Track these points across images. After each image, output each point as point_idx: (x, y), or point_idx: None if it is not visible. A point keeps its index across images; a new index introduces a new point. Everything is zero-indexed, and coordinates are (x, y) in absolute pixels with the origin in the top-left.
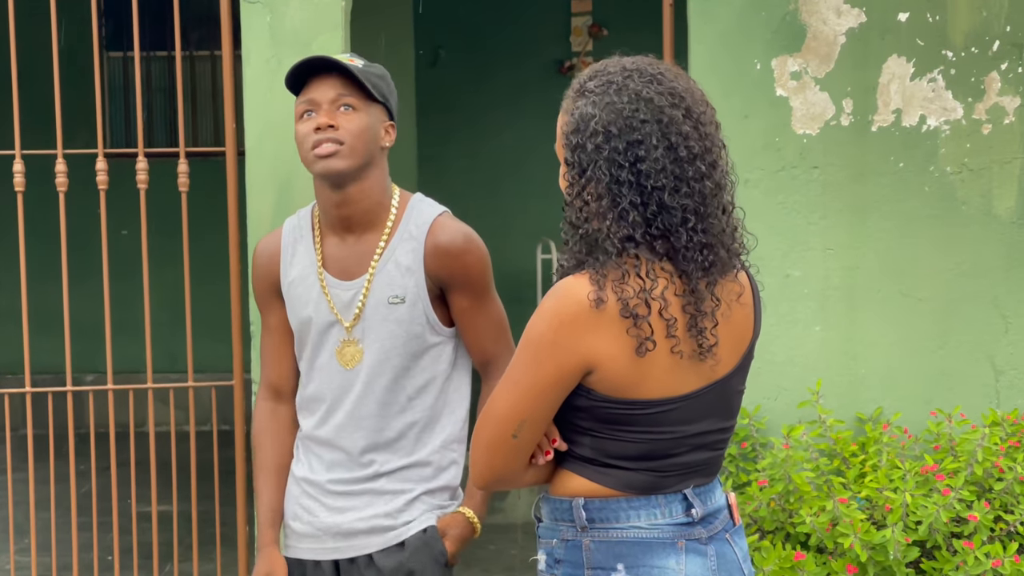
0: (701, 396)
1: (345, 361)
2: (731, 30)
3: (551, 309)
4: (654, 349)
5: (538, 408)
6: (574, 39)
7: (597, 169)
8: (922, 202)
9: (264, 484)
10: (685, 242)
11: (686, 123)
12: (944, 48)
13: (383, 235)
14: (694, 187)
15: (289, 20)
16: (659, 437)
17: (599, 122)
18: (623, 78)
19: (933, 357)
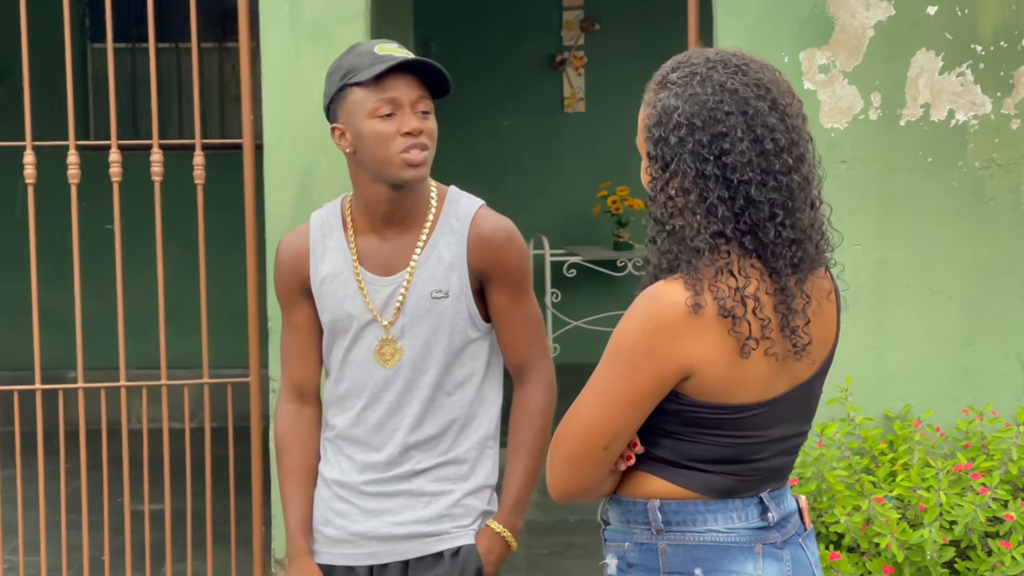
0: (787, 399)
1: (384, 360)
2: (758, 23)
3: (646, 314)
4: (757, 348)
5: (632, 418)
6: (565, 33)
7: (682, 163)
8: (950, 197)
9: (294, 490)
10: (773, 237)
11: (772, 115)
12: (973, 42)
13: (424, 229)
14: (781, 181)
15: (309, 9)
16: (744, 441)
17: (682, 114)
18: (707, 69)
19: (961, 354)
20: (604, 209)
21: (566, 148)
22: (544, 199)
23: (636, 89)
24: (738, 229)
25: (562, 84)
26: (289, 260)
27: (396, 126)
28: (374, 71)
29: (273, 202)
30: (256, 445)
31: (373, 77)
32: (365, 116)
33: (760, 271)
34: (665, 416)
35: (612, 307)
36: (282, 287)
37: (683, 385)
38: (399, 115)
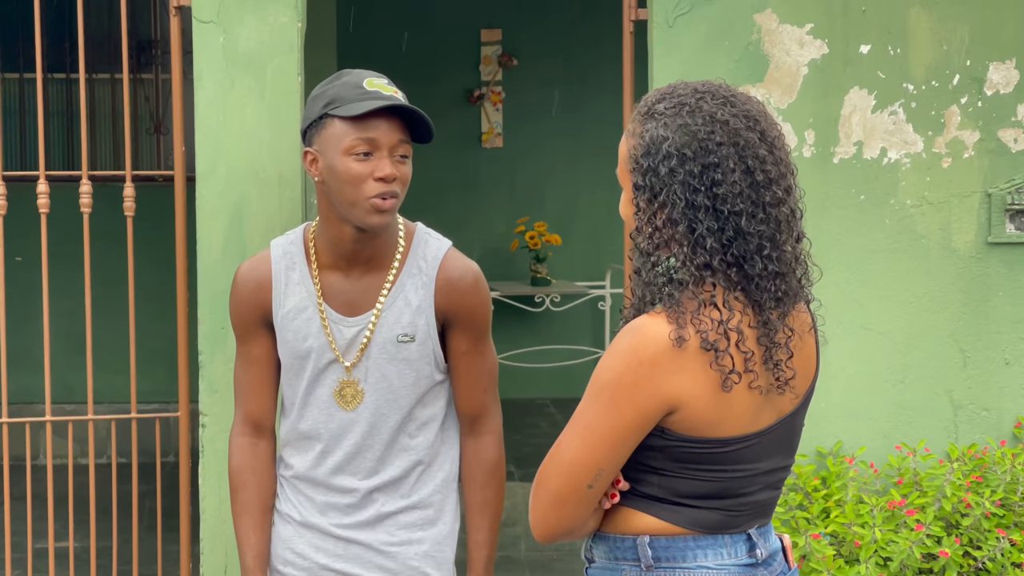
0: (772, 432)
1: (345, 402)
2: (694, 60)
3: (629, 349)
4: (740, 382)
5: (616, 455)
6: (484, 68)
7: (671, 193)
8: (883, 235)
9: (250, 527)
10: (759, 270)
11: (761, 146)
12: (905, 81)
13: (391, 269)
14: (770, 212)
15: (244, 41)
16: (732, 475)
17: (672, 144)
18: (696, 100)
19: (893, 391)
20: (522, 244)
21: (484, 183)
22: (461, 233)
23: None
24: (724, 261)
25: (480, 119)
26: (250, 290)
27: (371, 168)
28: (358, 109)
29: (205, 235)
30: (184, 481)
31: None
32: (341, 151)
33: (743, 304)
34: (651, 452)
35: (530, 343)
36: (240, 317)
37: (668, 420)
38: (376, 157)
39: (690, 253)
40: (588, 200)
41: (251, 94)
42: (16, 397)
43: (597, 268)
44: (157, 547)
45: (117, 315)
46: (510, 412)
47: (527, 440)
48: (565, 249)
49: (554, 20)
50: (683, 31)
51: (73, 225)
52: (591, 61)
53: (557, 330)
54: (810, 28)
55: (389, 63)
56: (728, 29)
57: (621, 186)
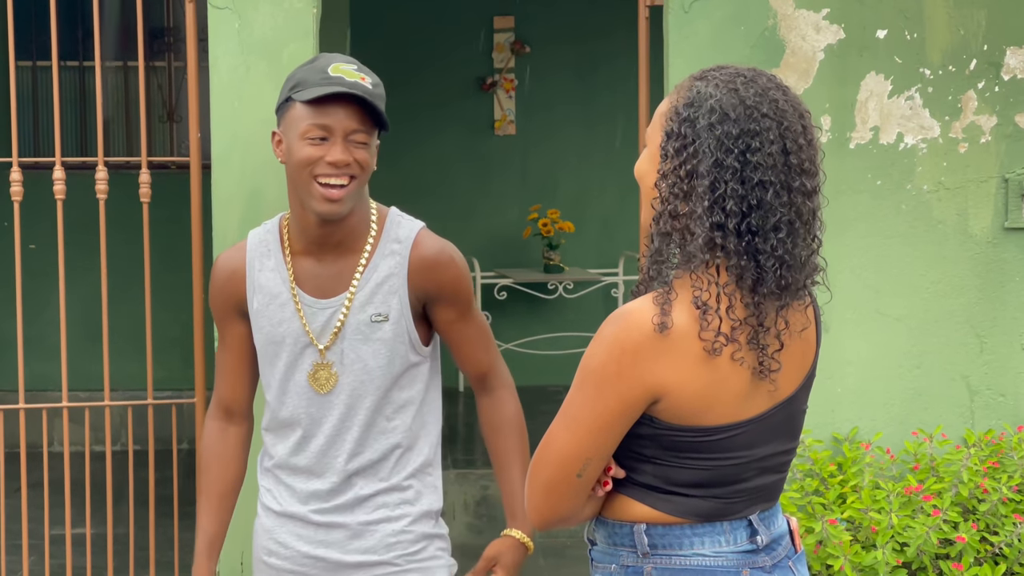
0: (767, 418)
1: (319, 385)
2: (709, 45)
3: (612, 337)
4: (726, 346)
5: (603, 444)
6: (496, 55)
7: (704, 146)
8: (899, 220)
9: (207, 511)
10: (770, 248)
11: (802, 136)
12: (921, 66)
13: (364, 252)
14: (795, 199)
15: (259, 27)
16: (726, 463)
17: (718, 102)
18: (752, 75)
19: (908, 377)
20: (535, 232)
21: (496, 170)
22: (474, 221)
23: (566, 111)
24: (739, 228)
25: (493, 106)
26: (224, 279)
27: (324, 152)
28: (314, 93)
29: (220, 222)
30: None
31: (313, 99)
32: (298, 135)
33: (740, 279)
34: (642, 441)
35: (542, 330)
36: (217, 306)
37: (655, 408)
38: (330, 142)
39: (707, 209)
40: (601, 187)
41: (267, 80)
42: (31, 384)
43: (610, 255)
44: (174, 534)
45: (131, 302)
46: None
47: (540, 427)
48: (578, 236)
49: (566, 7)
50: (699, 17)
51: (87, 212)
52: (603, 48)
53: (570, 317)
54: (826, 13)
55: (402, 50)
56: (744, 14)
57: (646, 143)
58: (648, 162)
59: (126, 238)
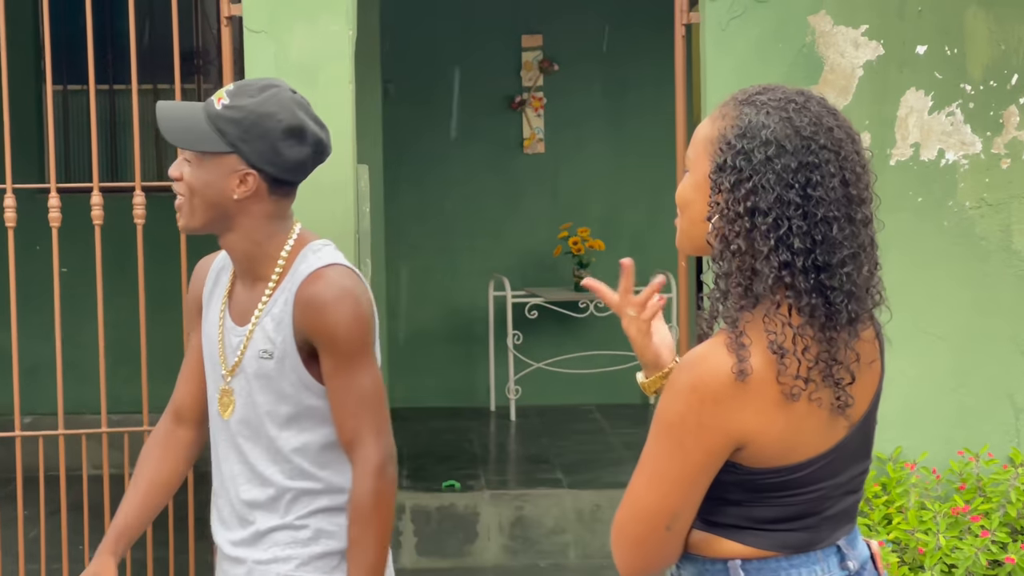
0: (845, 445)
1: (223, 409)
2: (747, 62)
3: (689, 387)
4: (805, 390)
5: (690, 496)
6: (524, 74)
7: (763, 180)
8: (941, 237)
9: (125, 500)
10: (837, 283)
11: (859, 164)
12: (962, 81)
13: (269, 285)
14: (858, 230)
15: (295, 50)
16: (812, 495)
17: (773, 132)
18: (802, 99)
19: (953, 396)
20: (565, 250)
21: (526, 189)
22: (504, 240)
23: (595, 128)
24: (806, 265)
25: (521, 125)
26: (196, 282)
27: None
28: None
29: None
30: None
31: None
32: None
33: (810, 316)
34: (727, 486)
35: (574, 348)
36: (187, 305)
37: (738, 455)
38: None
39: (773, 248)
40: (631, 204)
41: None
42: (65, 407)
43: (641, 273)
44: (212, 558)
45: (161, 325)
46: (555, 418)
47: (573, 447)
48: (609, 254)
49: (594, 25)
50: (736, 34)
51: (119, 236)
52: (632, 65)
53: (601, 336)
54: (865, 29)
55: (430, 69)
56: (782, 31)
57: (688, 168)
58: (693, 191)
59: (155, 260)
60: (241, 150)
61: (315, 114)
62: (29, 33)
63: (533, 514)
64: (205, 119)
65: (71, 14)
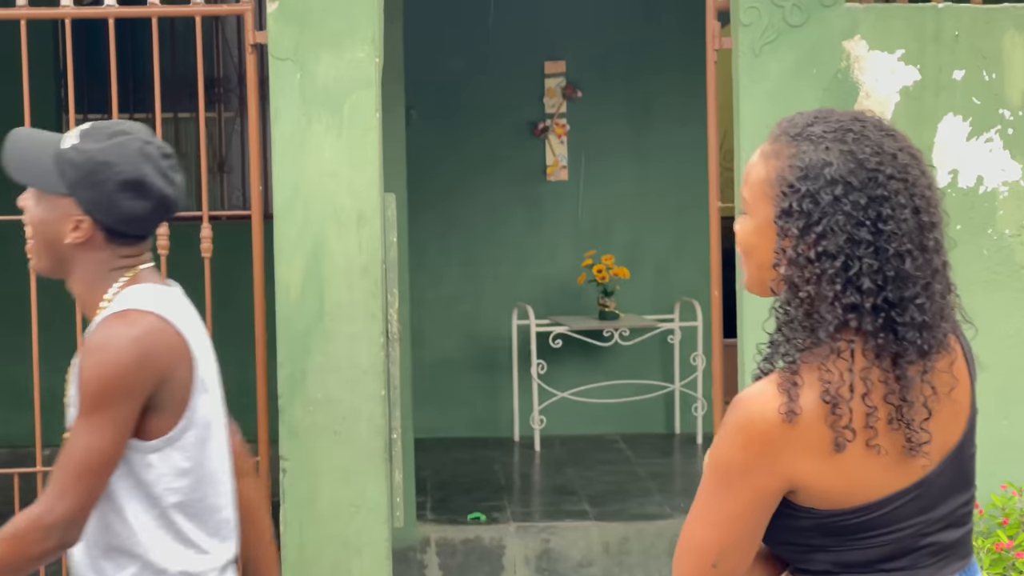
0: (934, 479)
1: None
2: (781, 88)
3: (736, 427)
4: (853, 440)
5: (737, 535)
6: (548, 100)
7: (833, 224)
8: (981, 265)
9: None
10: (908, 319)
11: (927, 187)
12: (1001, 107)
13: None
14: (930, 258)
15: (321, 78)
16: (902, 533)
17: (836, 170)
18: (860, 127)
19: (995, 428)
20: (589, 278)
21: (549, 216)
22: (528, 268)
23: (619, 155)
24: (876, 305)
25: (544, 152)
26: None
27: None
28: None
29: (283, 275)
30: None
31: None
32: None
33: (875, 355)
34: (806, 532)
35: (598, 378)
36: None
37: (799, 497)
38: None
39: (840, 292)
40: (655, 232)
41: (329, 132)
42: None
43: (666, 301)
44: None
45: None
46: (580, 448)
47: (599, 477)
48: (633, 282)
49: (618, 50)
50: (769, 60)
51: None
52: (656, 91)
53: (626, 365)
54: (901, 54)
55: (453, 96)
56: (816, 57)
57: (745, 211)
58: (757, 236)
59: None
60: (77, 195)
61: (168, 167)
62: (49, 62)
63: (560, 547)
64: (52, 156)
65: (91, 43)
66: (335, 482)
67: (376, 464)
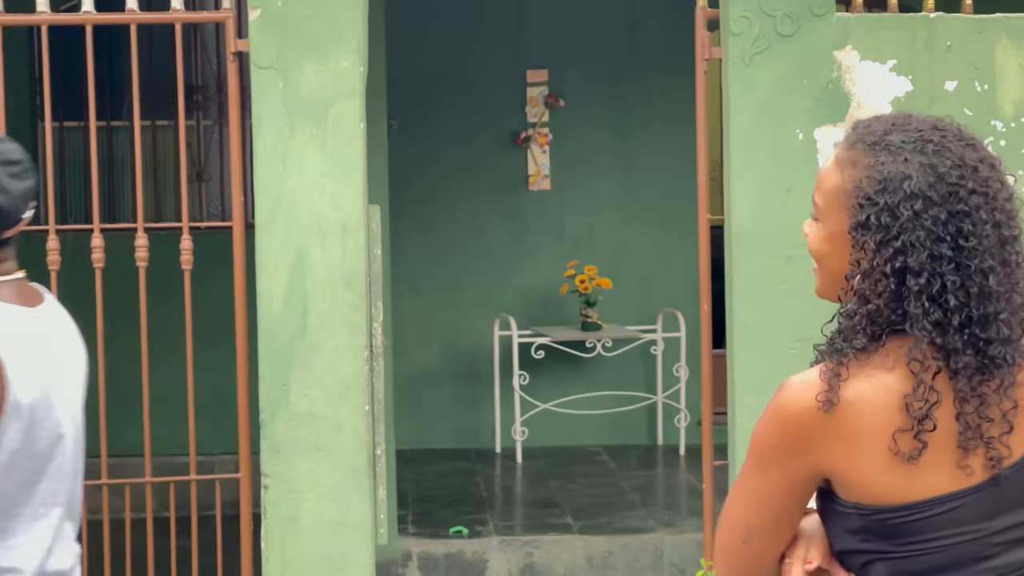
0: (998, 484)
1: None
2: (771, 99)
3: (774, 409)
4: (924, 451)
5: (767, 516)
6: (530, 109)
7: (911, 237)
8: None
9: None
10: (992, 335)
11: (1008, 202)
12: (993, 118)
13: None
14: (1012, 272)
15: (304, 87)
16: (960, 540)
17: (916, 184)
18: (940, 137)
19: None
20: (572, 288)
21: (531, 226)
22: (510, 279)
23: (601, 165)
24: (960, 322)
25: (527, 161)
26: None
27: None
28: None
29: (265, 286)
30: (246, 544)
31: None
32: None
33: (956, 372)
34: (858, 535)
35: (581, 389)
36: None
37: (842, 489)
38: None
39: (927, 310)
40: (638, 242)
41: (312, 142)
42: None
43: (649, 311)
44: None
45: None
46: (562, 459)
47: (582, 490)
48: (616, 293)
49: (600, 60)
50: (760, 70)
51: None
52: (639, 100)
53: (609, 376)
54: (893, 65)
55: (435, 105)
56: (807, 67)
57: (818, 217)
58: (829, 244)
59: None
60: None
61: (6, 173)
62: (25, 68)
63: (543, 560)
64: None
65: (67, 49)
66: (318, 498)
67: (360, 480)
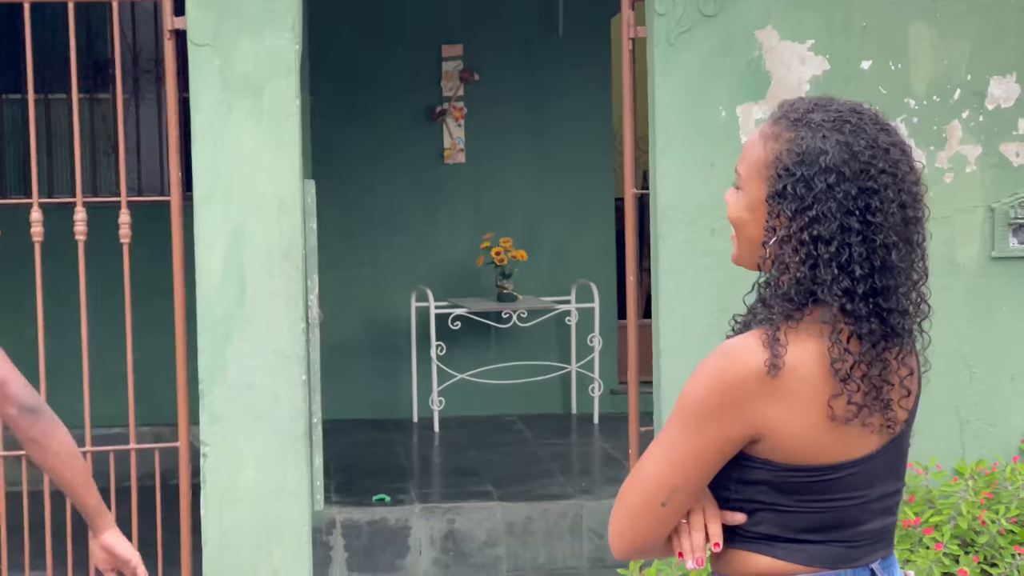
0: (880, 456)
1: None
2: (695, 78)
3: (715, 373)
4: (858, 416)
5: (693, 476)
6: (445, 84)
7: (824, 208)
8: None
9: None
10: (892, 305)
11: (915, 185)
12: (906, 96)
13: None
14: (913, 250)
15: (240, 64)
16: (846, 503)
17: (832, 159)
18: (857, 119)
19: None
20: (487, 260)
21: (447, 199)
22: (427, 251)
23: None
24: (864, 292)
25: (442, 135)
26: None
27: None
28: None
29: (203, 261)
30: (185, 512)
31: None
32: None
33: (860, 338)
34: (758, 487)
35: (497, 360)
36: None
37: (761, 448)
38: None
39: (836, 277)
40: (553, 214)
41: (249, 118)
42: None
43: (563, 283)
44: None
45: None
46: (479, 429)
47: (500, 459)
48: (531, 264)
49: (516, 35)
50: (684, 49)
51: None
52: (554, 75)
53: (523, 346)
54: (811, 44)
55: (350, 80)
56: (730, 46)
57: (739, 187)
58: (748, 212)
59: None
60: None
61: None
62: None
63: (465, 527)
64: None
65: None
66: (257, 467)
67: (297, 449)
